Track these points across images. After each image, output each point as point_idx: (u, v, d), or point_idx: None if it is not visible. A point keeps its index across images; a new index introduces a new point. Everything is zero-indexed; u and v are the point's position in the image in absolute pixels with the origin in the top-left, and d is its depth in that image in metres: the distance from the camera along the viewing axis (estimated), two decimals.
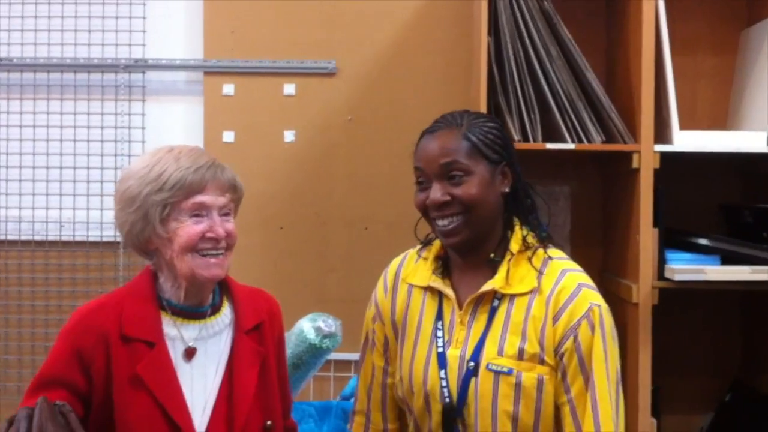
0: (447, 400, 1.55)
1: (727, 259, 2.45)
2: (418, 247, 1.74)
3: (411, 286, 1.68)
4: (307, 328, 2.25)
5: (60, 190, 3.12)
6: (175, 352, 1.55)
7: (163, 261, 1.56)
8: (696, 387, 2.86)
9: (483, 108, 2.47)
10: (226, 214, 1.60)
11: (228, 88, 3.09)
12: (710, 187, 2.81)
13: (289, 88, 3.09)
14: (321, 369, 2.63)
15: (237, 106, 3.09)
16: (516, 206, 1.63)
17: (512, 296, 1.56)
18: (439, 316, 1.61)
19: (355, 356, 2.92)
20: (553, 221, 2.82)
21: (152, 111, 3.14)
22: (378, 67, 3.08)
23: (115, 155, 3.12)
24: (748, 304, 2.85)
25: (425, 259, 1.68)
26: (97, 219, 3.12)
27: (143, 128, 3.12)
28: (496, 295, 1.58)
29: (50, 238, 3.14)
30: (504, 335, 1.55)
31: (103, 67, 3.11)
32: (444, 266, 1.66)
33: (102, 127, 3.12)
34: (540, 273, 1.58)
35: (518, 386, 1.51)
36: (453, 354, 1.56)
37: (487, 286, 1.58)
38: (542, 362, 1.53)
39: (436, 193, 1.58)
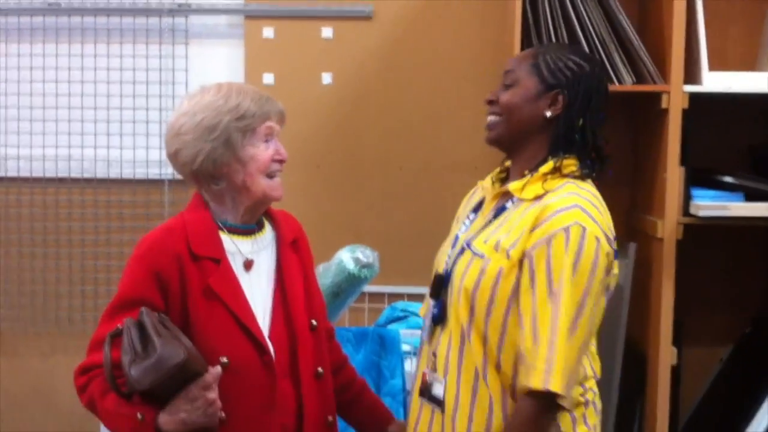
0: (438, 271, 1.74)
1: (751, 197, 2.53)
2: None
3: (477, 188, 1.89)
4: (346, 258, 2.37)
5: (107, 131, 3.26)
6: (236, 266, 1.69)
7: (230, 184, 1.70)
8: (718, 320, 2.97)
9: (516, 49, 2.56)
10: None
11: (268, 32, 3.19)
12: (739, 128, 2.87)
13: (327, 32, 3.19)
14: (356, 300, 2.78)
15: (276, 49, 3.20)
16: (560, 136, 1.71)
17: (520, 201, 1.69)
18: (476, 209, 1.80)
19: (388, 289, 3.11)
20: None
21: (195, 54, 3.26)
22: (414, 11, 3.15)
23: (160, 96, 3.24)
24: None
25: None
26: (143, 158, 3.26)
27: (186, 71, 3.24)
28: (512, 198, 1.71)
29: (99, 176, 3.29)
30: (497, 229, 1.68)
31: (147, 11, 3.22)
32: (506, 175, 1.82)
33: (147, 70, 3.24)
34: (547, 191, 1.66)
35: (482, 271, 1.63)
36: (463, 237, 1.74)
37: (505, 187, 1.74)
38: (508, 256, 1.61)
39: (492, 93, 1.78)
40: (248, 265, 1.71)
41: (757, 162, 2.83)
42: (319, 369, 1.74)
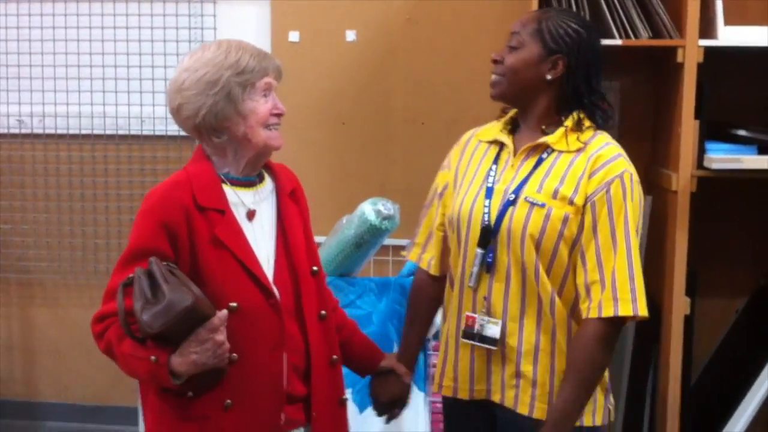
0: (486, 222, 1.84)
1: (765, 150, 2.58)
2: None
3: (480, 141, 1.98)
4: (368, 210, 2.47)
5: (140, 88, 3.37)
6: (240, 216, 1.76)
7: (231, 137, 1.77)
8: (733, 272, 3.03)
9: (535, 4, 2.61)
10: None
11: None
12: (755, 82, 2.89)
13: None
14: (380, 253, 2.88)
15: (302, 7, 3.27)
16: (563, 96, 1.87)
17: (560, 152, 1.84)
18: (496, 161, 1.91)
19: (407, 242, 3.20)
20: None
21: (222, 13, 3.34)
22: None
23: None
24: None
25: (499, 120, 1.97)
26: None
27: (215, 29, 3.33)
28: (547, 149, 1.85)
29: (133, 132, 3.41)
30: (545, 179, 1.82)
31: None
32: (513, 128, 1.94)
33: (177, 28, 3.34)
34: (586, 143, 1.84)
35: (547, 217, 1.79)
36: (499, 188, 1.86)
37: (542, 140, 1.86)
38: (571, 203, 1.79)
39: (496, 52, 1.90)
40: (251, 215, 1.78)
41: None
42: (322, 311, 1.83)
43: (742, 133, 2.58)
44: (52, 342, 3.60)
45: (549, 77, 1.85)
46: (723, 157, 2.56)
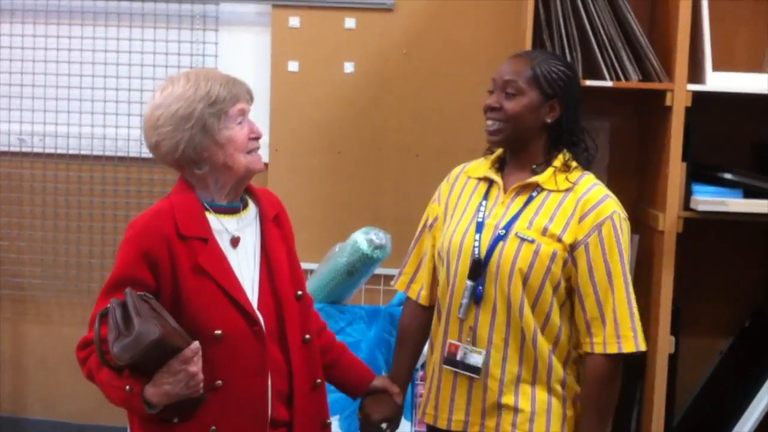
0: (476, 256, 1.91)
1: (750, 193, 2.63)
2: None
3: (469, 177, 2.05)
4: (360, 239, 2.51)
5: (141, 111, 3.41)
6: (223, 243, 1.79)
7: (212, 167, 1.79)
8: (718, 312, 3.07)
9: (528, 44, 2.68)
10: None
11: (294, 21, 3.33)
12: (742, 126, 2.95)
13: (350, 22, 3.32)
14: (371, 282, 2.92)
15: (302, 37, 3.33)
16: (558, 137, 1.95)
17: (549, 191, 1.92)
18: (486, 197, 1.98)
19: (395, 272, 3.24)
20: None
21: (224, 40, 3.41)
22: (433, 4, 3.28)
23: None
24: None
25: (487, 158, 2.05)
26: None
27: (216, 56, 3.39)
28: (537, 188, 1.93)
29: (131, 154, 3.46)
30: (535, 216, 1.90)
31: None
32: (500, 165, 2.02)
33: (179, 54, 3.40)
34: (574, 183, 1.93)
35: (536, 253, 1.87)
36: (489, 223, 1.93)
37: (533, 179, 1.94)
38: (559, 240, 1.87)
39: (492, 99, 1.96)
40: (235, 242, 1.81)
41: (761, 160, 2.92)
42: (306, 336, 1.87)
43: (728, 176, 2.64)
44: (43, 359, 3.63)
45: (548, 120, 1.94)
46: (709, 200, 2.62)
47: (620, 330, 1.86)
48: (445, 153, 3.32)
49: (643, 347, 1.89)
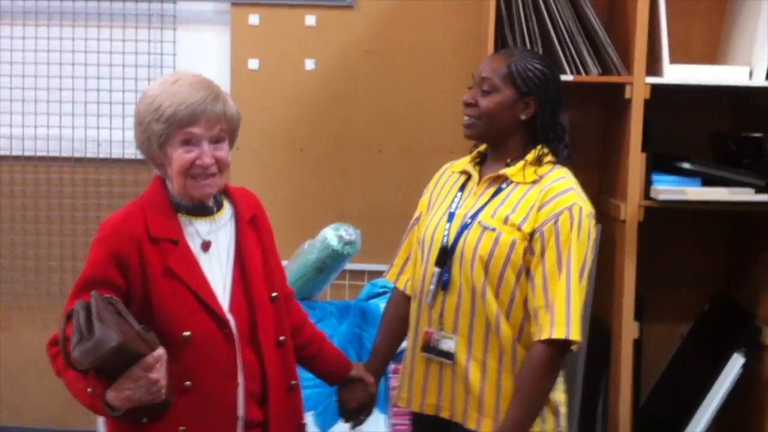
0: (445, 243, 1.97)
1: (708, 182, 2.71)
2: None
3: (453, 172, 2.13)
4: (330, 235, 2.52)
5: (97, 111, 3.38)
6: (195, 246, 1.78)
7: (167, 173, 1.79)
8: (678, 298, 3.15)
9: (490, 42, 2.71)
10: (218, 142, 1.78)
11: (253, 19, 3.31)
12: (701, 117, 3.03)
13: (310, 20, 3.32)
14: (338, 278, 2.93)
15: (261, 35, 3.32)
16: (533, 133, 2.00)
17: (517, 183, 1.97)
18: (462, 189, 2.05)
19: (368, 267, 3.27)
20: None
21: (182, 39, 3.38)
22: (393, 2, 3.29)
23: (148, 80, 3.36)
24: (730, 223, 3.11)
25: (470, 154, 2.11)
26: (131, 138, 3.34)
27: (174, 55, 3.36)
28: (506, 180, 1.98)
29: (89, 155, 3.41)
30: (499, 206, 1.96)
31: None
32: (481, 160, 2.08)
33: (136, 53, 3.36)
34: (541, 176, 1.97)
35: (496, 241, 1.92)
36: (459, 213, 2.00)
37: (501, 171, 2.00)
38: (519, 229, 1.92)
39: (468, 95, 2.02)
40: (206, 246, 1.80)
41: (716, 150, 3.00)
42: (281, 338, 1.86)
43: (686, 165, 2.71)
44: (5, 365, 3.55)
45: (523, 117, 1.98)
46: (669, 189, 2.69)
47: (555, 317, 1.86)
48: (408, 149, 3.35)
49: (574, 337, 1.86)
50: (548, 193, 1.93)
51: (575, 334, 1.87)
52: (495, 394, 1.93)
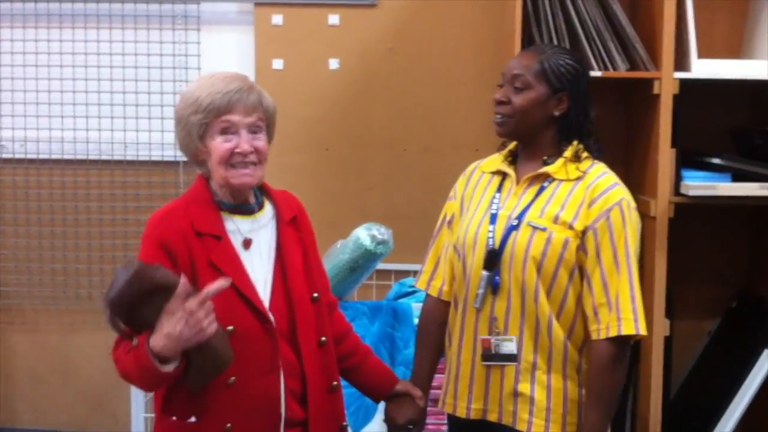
0: (491, 245, 1.95)
1: (737, 177, 2.70)
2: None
3: (483, 172, 2.10)
4: (363, 235, 2.53)
5: (124, 114, 3.40)
6: (236, 243, 1.81)
7: (209, 169, 1.83)
8: (706, 294, 3.14)
9: (517, 39, 2.71)
10: (255, 132, 1.82)
11: (277, 19, 3.32)
12: (720, 112, 3.02)
13: (334, 19, 3.32)
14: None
15: (285, 35, 3.33)
16: (567, 129, 1.99)
17: (560, 181, 1.96)
18: (499, 189, 2.03)
19: (395, 266, 3.27)
20: None
21: (207, 40, 3.39)
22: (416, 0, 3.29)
23: (174, 81, 3.38)
24: (756, 219, 3.10)
25: (500, 153, 2.09)
26: (158, 140, 3.40)
27: (198, 56, 3.38)
28: (548, 179, 1.97)
29: (116, 157, 3.42)
30: (546, 205, 1.95)
31: None
32: (513, 159, 2.06)
33: (161, 55, 3.37)
34: (584, 172, 1.97)
35: (548, 241, 1.91)
36: (503, 214, 1.98)
37: (543, 169, 1.98)
38: (571, 228, 1.92)
39: (500, 92, 2.01)
40: (246, 243, 1.83)
41: (740, 144, 2.99)
42: (322, 338, 1.87)
43: (716, 161, 2.70)
44: (31, 368, 3.58)
45: (556, 113, 1.98)
46: (699, 184, 2.68)
47: (621, 313, 1.88)
48: (431, 148, 3.35)
49: (643, 332, 1.89)
50: (596, 190, 1.93)
51: (643, 328, 1.90)
52: (545, 395, 1.93)
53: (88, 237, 3.47)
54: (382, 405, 2.10)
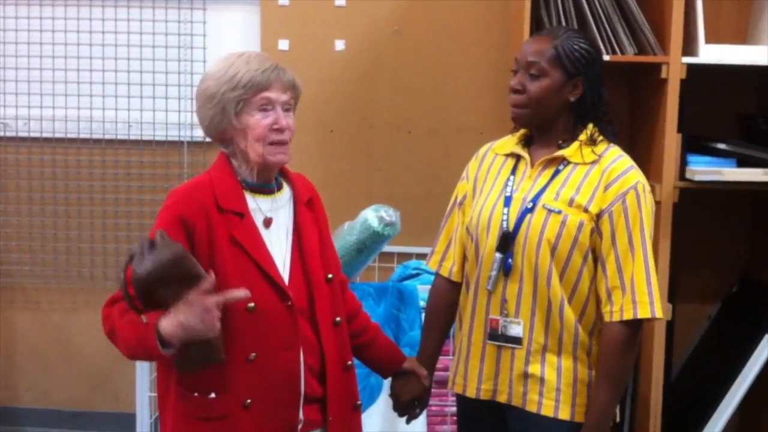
0: (505, 228, 1.96)
1: (743, 163, 2.71)
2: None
3: (497, 154, 2.09)
4: (371, 217, 2.53)
5: (128, 93, 3.38)
6: (257, 221, 1.83)
7: (237, 149, 1.82)
8: (707, 279, 3.17)
9: (526, 21, 2.71)
10: (287, 110, 1.86)
11: None
12: (730, 97, 3.04)
13: (340, 0, 3.31)
14: None
15: (291, 15, 3.32)
16: (582, 113, 1.98)
17: (575, 164, 1.96)
18: (513, 172, 2.02)
19: (398, 249, 3.28)
20: None
21: (212, 19, 3.38)
22: None
23: (178, 60, 3.37)
24: (758, 204, 3.12)
25: (514, 135, 2.08)
26: (162, 120, 3.39)
27: (204, 35, 3.36)
28: (563, 162, 1.97)
29: (119, 137, 3.42)
30: (561, 188, 1.94)
31: None
32: (527, 141, 2.05)
33: (166, 34, 3.36)
34: (600, 156, 1.96)
35: (563, 224, 1.91)
36: (517, 197, 1.98)
37: (558, 153, 1.97)
38: (586, 211, 1.92)
39: (516, 80, 1.98)
40: (267, 222, 1.85)
41: (745, 129, 3.01)
42: (337, 318, 1.90)
43: (722, 146, 2.71)
44: (33, 347, 3.58)
45: (572, 99, 1.97)
46: (705, 169, 2.69)
47: (637, 296, 1.89)
48: (437, 130, 3.35)
49: (659, 314, 1.91)
50: (612, 173, 1.93)
51: (659, 311, 1.91)
52: (555, 376, 1.94)
53: (90, 216, 3.47)
54: (386, 387, 2.12)
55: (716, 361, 3.04)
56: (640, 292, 1.89)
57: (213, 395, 1.76)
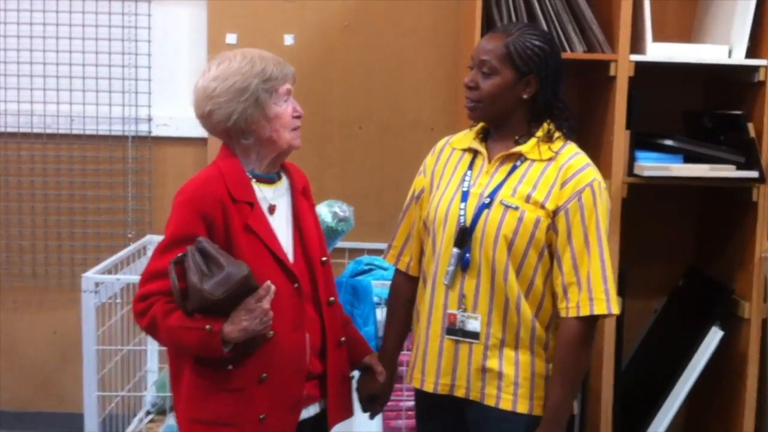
0: (462, 223, 1.97)
1: (689, 159, 2.76)
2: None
3: (454, 149, 2.09)
4: (324, 212, 2.51)
5: (70, 86, 3.30)
6: (264, 209, 1.95)
7: (257, 139, 1.94)
8: (651, 273, 3.22)
9: (477, 19, 2.72)
10: None
11: None
12: (675, 95, 3.10)
13: None
14: None
15: (239, 9, 3.27)
16: (537, 110, 1.99)
17: (532, 161, 1.97)
18: (470, 167, 2.03)
19: (349, 244, 3.26)
20: None
21: (157, 12, 3.31)
22: None
23: (123, 53, 3.30)
24: (704, 199, 3.19)
25: (471, 130, 2.08)
26: (106, 114, 3.31)
27: (149, 29, 3.29)
28: (520, 158, 1.98)
29: (61, 131, 3.33)
30: (518, 185, 1.96)
31: None
32: (484, 136, 2.06)
33: (110, 26, 3.28)
34: (557, 153, 1.97)
35: (520, 220, 1.93)
36: (474, 192, 1.99)
37: (516, 149, 1.98)
38: (542, 207, 1.93)
39: (470, 77, 1.99)
40: (272, 209, 1.97)
41: (691, 126, 3.06)
42: (331, 298, 2.03)
43: (669, 143, 2.76)
44: None
45: (525, 96, 1.97)
46: (653, 165, 2.74)
47: (593, 293, 1.91)
48: (388, 126, 3.34)
49: (615, 311, 1.92)
50: (568, 170, 1.94)
51: (615, 308, 1.92)
52: (514, 371, 1.95)
53: (32, 213, 3.37)
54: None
55: (664, 354, 3.10)
56: (597, 289, 1.91)
57: (230, 367, 1.86)
